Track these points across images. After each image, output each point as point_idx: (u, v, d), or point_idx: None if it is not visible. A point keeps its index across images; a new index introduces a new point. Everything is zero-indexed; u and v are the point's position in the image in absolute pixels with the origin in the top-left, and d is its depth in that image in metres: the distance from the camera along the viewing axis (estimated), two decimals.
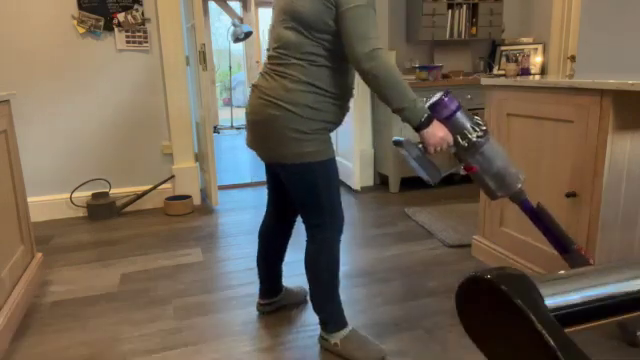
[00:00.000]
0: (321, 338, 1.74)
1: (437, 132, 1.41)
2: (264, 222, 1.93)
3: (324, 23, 1.45)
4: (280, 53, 1.53)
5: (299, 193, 1.62)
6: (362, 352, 1.66)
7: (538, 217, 1.44)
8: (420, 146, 1.45)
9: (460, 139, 1.40)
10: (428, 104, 1.45)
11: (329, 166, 1.59)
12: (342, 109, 1.60)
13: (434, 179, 1.47)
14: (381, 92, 1.42)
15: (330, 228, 1.64)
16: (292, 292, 2.06)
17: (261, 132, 1.57)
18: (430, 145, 1.43)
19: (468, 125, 1.40)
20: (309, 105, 1.49)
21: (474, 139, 1.39)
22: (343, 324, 1.71)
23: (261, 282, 1.96)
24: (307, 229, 1.68)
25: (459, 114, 1.41)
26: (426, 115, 1.41)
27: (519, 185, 1.43)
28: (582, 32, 2.69)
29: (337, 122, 1.62)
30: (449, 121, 1.41)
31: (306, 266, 1.70)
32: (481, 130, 1.40)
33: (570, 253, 1.43)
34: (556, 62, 4.07)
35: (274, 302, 1.99)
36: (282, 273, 1.98)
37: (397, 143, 1.45)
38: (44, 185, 3.33)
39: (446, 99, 1.41)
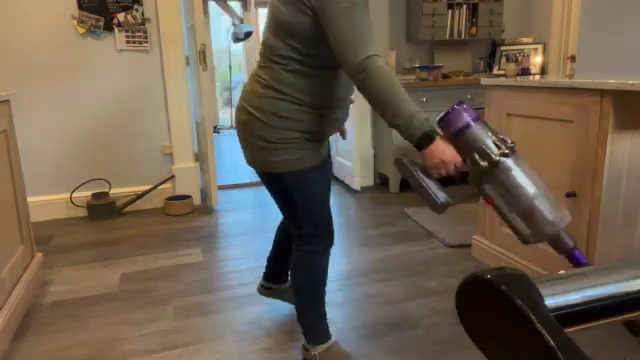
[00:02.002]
0: (303, 348, 1.68)
1: (437, 153, 1.18)
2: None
3: (300, 28, 1.32)
4: (260, 54, 1.46)
5: (276, 202, 1.56)
6: None
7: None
8: (419, 167, 1.22)
9: (479, 158, 1.09)
10: (438, 118, 1.23)
11: (303, 177, 1.46)
12: (326, 119, 1.45)
13: (435, 207, 1.20)
14: (374, 107, 1.26)
15: (312, 242, 1.54)
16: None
17: (239, 136, 1.52)
18: (429, 167, 1.21)
19: (488, 141, 1.09)
20: (276, 113, 1.39)
21: (495, 158, 1.07)
22: (325, 337, 1.63)
23: (267, 263, 1.96)
24: (291, 238, 1.61)
25: (475, 127, 1.12)
26: (423, 132, 1.20)
27: (560, 227, 1.05)
28: (582, 32, 2.69)
29: (321, 132, 1.47)
30: (460, 137, 1.13)
31: (290, 275, 1.65)
32: (507, 147, 1.08)
33: None
34: (556, 62, 4.07)
35: (272, 289, 1.98)
36: (288, 268, 1.94)
37: (396, 162, 1.26)
38: (44, 185, 3.33)
39: (454, 110, 1.15)
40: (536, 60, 4.16)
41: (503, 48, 4.27)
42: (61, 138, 3.32)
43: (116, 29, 3.27)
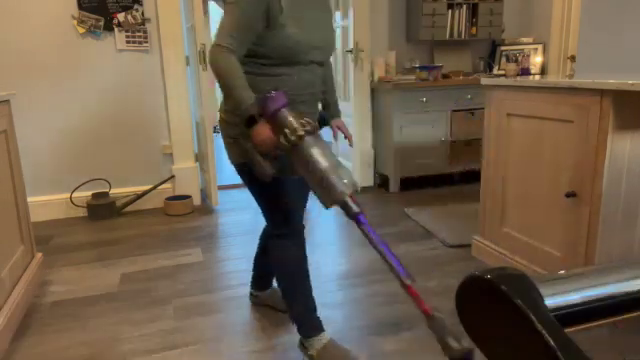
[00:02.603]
0: (300, 345, 1.70)
1: (258, 133, 1.38)
2: None
3: None
4: None
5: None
6: None
7: (374, 240, 1.23)
8: (252, 145, 1.45)
9: (283, 138, 1.32)
10: (258, 102, 1.42)
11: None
12: None
13: (264, 177, 1.45)
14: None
15: (277, 226, 1.64)
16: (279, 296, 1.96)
17: None
18: (254, 144, 1.41)
19: (293, 123, 1.32)
20: (232, 111, 1.51)
21: (292, 138, 1.30)
22: (314, 330, 1.66)
23: (252, 271, 2.05)
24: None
25: (284, 112, 1.35)
26: (249, 116, 1.39)
27: (345, 195, 1.27)
28: (582, 32, 2.69)
29: None
30: (273, 119, 1.36)
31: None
32: (304, 130, 1.31)
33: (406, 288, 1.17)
34: (556, 62, 4.07)
35: (257, 296, 2.05)
36: (270, 272, 2.00)
37: (235, 141, 1.53)
38: (44, 185, 3.33)
39: (268, 97, 1.36)
40: (536, 60, 4.16)
41: (503, 48, 4.27)
42: (61, 138, 3.32)
43: (116, 29, 3.26)
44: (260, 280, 2.04)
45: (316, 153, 1.30)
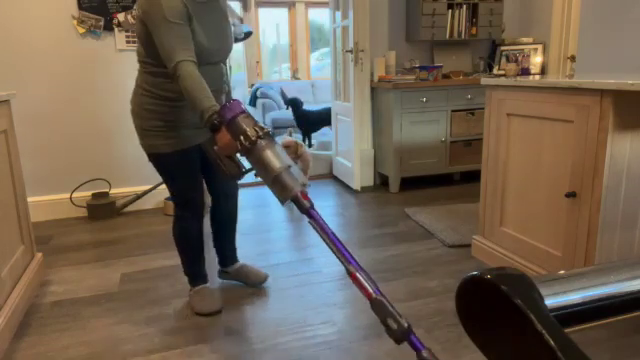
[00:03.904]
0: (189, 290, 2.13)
1: (219, 139, 1.53)
2: None
3: (143, 35, 1.70)
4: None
5: None
6: (200, 303, 2.01)
7: (324, 231, 1.28)
8: (215, 147, 1.59)
9: (243, 140, 1.44)
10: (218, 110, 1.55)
11: (167, 159, 1.84)
12: (183, 110, 1.80)
13: (227, 177, 1.63)
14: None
15: (178, 208, 1.96)
16: (249, 272, 2.25)
17: None
18: (218, 149, 1.56)
19: (249, 128, 1.44)
20: (143, 106, 1.79)
21: (247, 143, 1.42)
22: (195, 283, 2.08)
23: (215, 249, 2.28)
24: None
25: (239, 118, 1.47)
26: (211, 124, 1.54)
27: (296, 192, 1.35)
28: (582, 32, 2.70)
29: (182, 120, 1.80)
30: (231, 125, 1.48)
31: None
32: (261, 133, 1.43)
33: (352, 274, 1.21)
34: (556, 62, 4.07)
35: (227, 272, 2.27)
36: (227, 251, 2.26)
37: (201, 145, 1.75)
38: (44, 185, 3.33)
39: (225, 106, 1.49)
40: (536, 60, 4.16)
41: (503, 48, 4.27)
42: (61, 138, 3.31)
43: (116, 29, 3.26)
44: (224, 258, 2.25)
45: (269, 154, 1.40)
